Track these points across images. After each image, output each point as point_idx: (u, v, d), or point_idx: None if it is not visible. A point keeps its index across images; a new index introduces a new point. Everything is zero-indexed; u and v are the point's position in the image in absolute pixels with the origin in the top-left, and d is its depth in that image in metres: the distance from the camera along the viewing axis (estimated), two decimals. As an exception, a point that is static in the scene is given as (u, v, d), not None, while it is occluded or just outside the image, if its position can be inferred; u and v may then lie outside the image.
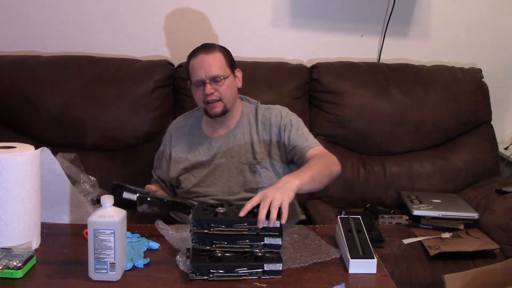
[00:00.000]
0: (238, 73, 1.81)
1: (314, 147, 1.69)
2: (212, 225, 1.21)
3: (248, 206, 1.26)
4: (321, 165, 1.55)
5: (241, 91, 1.84)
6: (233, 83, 1.75)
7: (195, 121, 1.86)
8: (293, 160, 1.76)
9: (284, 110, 1.81)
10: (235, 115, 1.80)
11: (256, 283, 1.19)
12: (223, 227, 1.22)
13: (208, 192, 1.75)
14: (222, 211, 1.27)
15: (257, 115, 1.80)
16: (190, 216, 1.24)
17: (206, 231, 1.21)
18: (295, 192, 1.36)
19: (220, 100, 1.70)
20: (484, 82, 2.47)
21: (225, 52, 1.76)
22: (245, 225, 1.22)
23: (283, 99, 2.26)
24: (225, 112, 1.73)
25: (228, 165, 1.75)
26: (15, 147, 1.29)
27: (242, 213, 1.24)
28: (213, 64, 1.69)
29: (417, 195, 2.21)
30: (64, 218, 1.47)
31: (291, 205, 1.36)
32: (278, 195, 1.27)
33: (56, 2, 2.41)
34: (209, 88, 1.68)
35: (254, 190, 1.72)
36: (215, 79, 1.69)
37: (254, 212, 1.26)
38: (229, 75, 1.72)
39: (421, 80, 2.40)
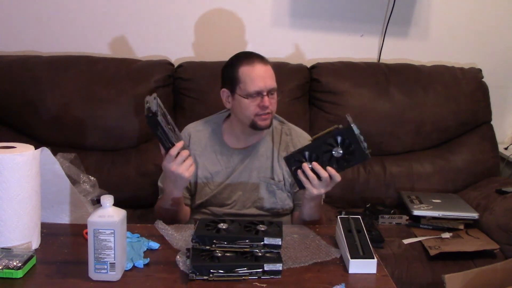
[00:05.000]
0: None
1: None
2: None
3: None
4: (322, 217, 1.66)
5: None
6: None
7: (215, 127, 1.76)
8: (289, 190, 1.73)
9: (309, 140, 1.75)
10: None
11: (256, 283, 1.19)
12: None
13: (222, 203, 1.71)
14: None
15: (282, 135, 1.76)
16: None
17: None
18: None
19: (270, 113, 1.64)
20: (484, 82, 2.47)
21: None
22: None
23: (283, 99, 2.25)
24: (270, 125, 1.68)
25: (246, 179, 1.71)
26: (15, 147, 1.29)
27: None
28: (271, 76, 1.62)
29: (417, 195, 2.21)
30: (64, 218, 1.47)
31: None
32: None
33: (56, 2, 2.41)
34: (267, 100, 1.59)
35: (266, 209, 1.70)
36: (271, 92, 1.62)
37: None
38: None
39: (421, 80, 2.40)
